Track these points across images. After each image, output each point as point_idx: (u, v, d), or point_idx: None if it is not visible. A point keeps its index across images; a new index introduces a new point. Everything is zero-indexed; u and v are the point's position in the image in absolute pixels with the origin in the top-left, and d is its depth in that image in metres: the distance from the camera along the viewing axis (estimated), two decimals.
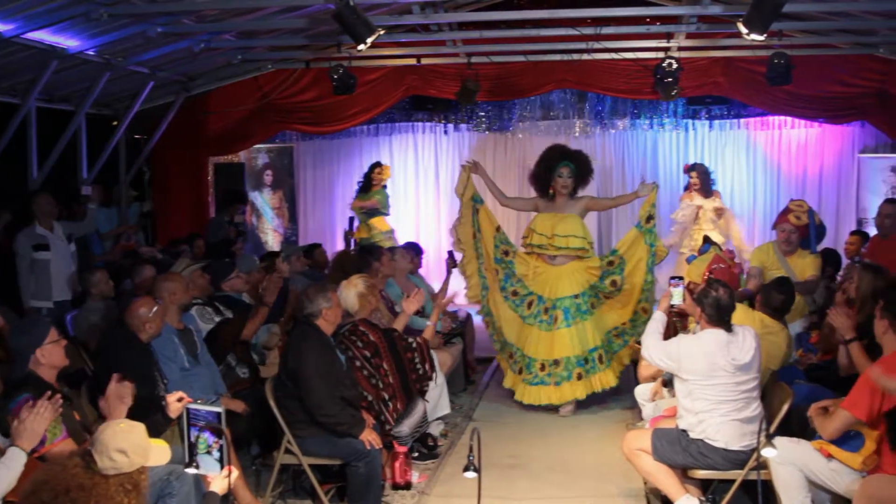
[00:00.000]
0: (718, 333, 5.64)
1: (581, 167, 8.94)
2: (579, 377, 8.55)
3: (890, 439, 4.83)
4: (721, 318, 5.68)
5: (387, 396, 6.58)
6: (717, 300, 5.66)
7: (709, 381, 5.56)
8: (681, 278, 6.51)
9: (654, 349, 5.95)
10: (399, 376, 6.76)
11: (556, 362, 8.61)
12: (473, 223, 9.09)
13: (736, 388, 5.57)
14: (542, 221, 8.88)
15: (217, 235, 11.62)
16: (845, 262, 9.76)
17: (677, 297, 6.31)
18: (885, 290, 5.89)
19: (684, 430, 5.72)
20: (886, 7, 9.26)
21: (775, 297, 6.69)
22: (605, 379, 8.63)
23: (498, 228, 9.12)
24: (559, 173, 8.85)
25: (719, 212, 12.37)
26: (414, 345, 6.96)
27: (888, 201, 8.77)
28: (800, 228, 8.18)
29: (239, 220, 12.61)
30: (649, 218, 8.62)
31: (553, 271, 8.82)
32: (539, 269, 8.91)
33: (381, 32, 8.79)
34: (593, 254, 9.01)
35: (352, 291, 6.72)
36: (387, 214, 12.87)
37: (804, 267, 8.12)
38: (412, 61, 12.16)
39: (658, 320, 6.20)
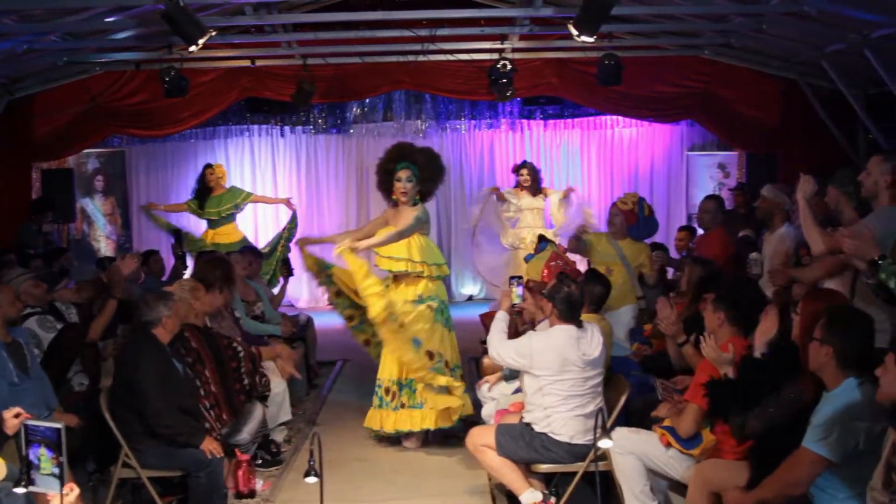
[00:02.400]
0: (569, 329, 5.72)
1: (425, 169, 7.87)
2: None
3: (711, 410, 5.02)
4: (572, 314, 5.77)
5: (208, 405, 6.33)
6: (569, 296, 5.73)
7: (560, 376, 5.63)
8: (520, 277, 6.60)
9: (503, 348, 5.94)
10: (222, 386, 6.47)
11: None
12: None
13: (585, 384, 5.67)
14: (379, 236, 7.75)
15: (30, 245, 11.10)
16: (675, 256, 10.08)
17: (517, 296, 6.40)
18: (713, 283, 6.11)
19: (528, 424, 5.79)
20: (710, 10, 9.63)
21: (596, 290, 6.72)
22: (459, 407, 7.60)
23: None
24: (397, 177, 7.74)
25: (568, 192, 11.72)
26: (241, 354, 6.72)
27: (708, 198, 9.14)
28: (624, 212, 8.44)
29: (47, 228, 12.11)
30: None
31: (392, 288, 7.75)
32: (389, 287, 7.76)
33: (213, 34, 8.63)
34: (427, 272, 7.77)
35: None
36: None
37: (634, 252, 8.43)
38: (246, 63, 11.95)
39: (502, 320, 6.24)
